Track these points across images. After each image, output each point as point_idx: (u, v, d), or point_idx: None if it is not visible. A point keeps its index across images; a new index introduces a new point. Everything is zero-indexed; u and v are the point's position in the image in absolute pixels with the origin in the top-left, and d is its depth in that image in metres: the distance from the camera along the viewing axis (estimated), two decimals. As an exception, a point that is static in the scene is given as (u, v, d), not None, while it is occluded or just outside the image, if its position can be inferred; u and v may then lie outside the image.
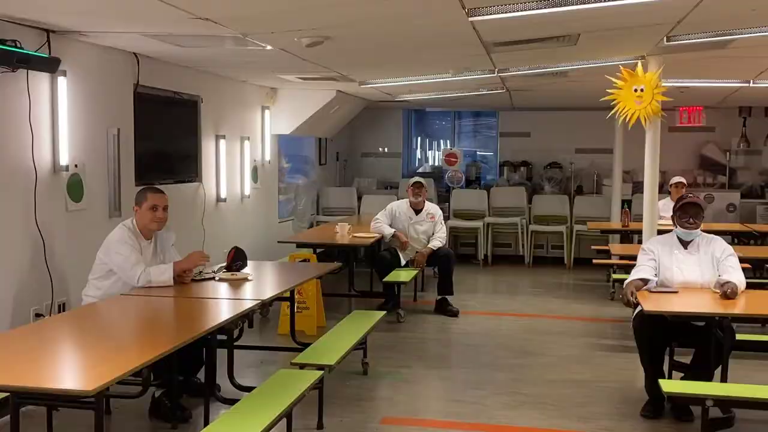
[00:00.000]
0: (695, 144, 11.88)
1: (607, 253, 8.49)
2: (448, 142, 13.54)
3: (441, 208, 8.17)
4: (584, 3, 4.33)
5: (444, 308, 7.64)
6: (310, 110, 9.01)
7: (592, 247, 9.43)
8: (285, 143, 9.64)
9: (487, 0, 4.34)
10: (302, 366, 4.47)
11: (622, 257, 7.91)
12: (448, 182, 11.66)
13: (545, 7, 4.44)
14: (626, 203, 9.99)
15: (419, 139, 13.96)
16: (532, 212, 11.12)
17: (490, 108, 12.61)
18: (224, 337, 4.42)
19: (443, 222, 8.06)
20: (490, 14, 4.51)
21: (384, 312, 6.13)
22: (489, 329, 7.13)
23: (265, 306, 4.59)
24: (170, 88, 6.77)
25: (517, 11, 4.44)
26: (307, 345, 5.05)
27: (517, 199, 11.19)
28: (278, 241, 7.78)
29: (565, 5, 4.40)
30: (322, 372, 4.32)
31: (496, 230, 11.04)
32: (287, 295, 5.40)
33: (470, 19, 4.65)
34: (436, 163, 13.11)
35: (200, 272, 4.99)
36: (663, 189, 9.65)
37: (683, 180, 9.01)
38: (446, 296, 7.70)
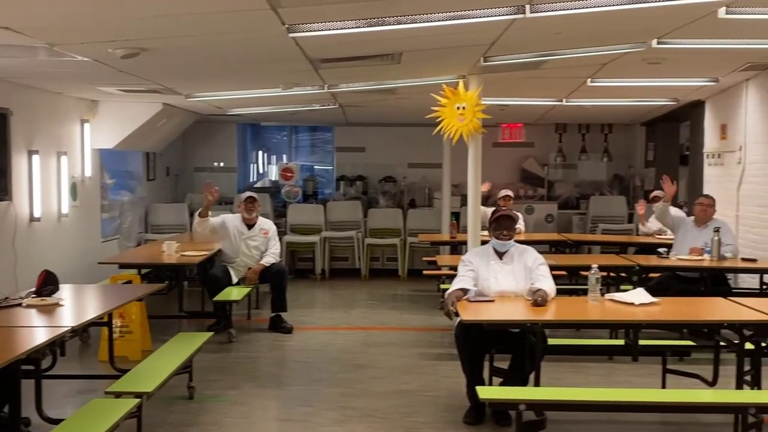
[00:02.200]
0: (517, 158, 12.55)
1: (436, 264, 8.74)
2: (285, 156, 13.49)
3: (277, 224, 8.08)
4: (400, 24, 4.44)
5: (278, 325, 7.56)
6: (134, 124, 8.64)
7: (424, 258, 9.69)
8: (108, 158, 9.18)
9: (306, 17, 4.36)
10: (118, 394, 4.24)
11: (451, 267, 8.17)
12: (285, 197, 11.60)
13: (364, 27, 4.52)
14: (455, 215, 10.36)
15: (256, 153, 13.80)
16: (368, 226, 11.28)
17: (326, 123, 12.70)
18: (31, 367, 4.11)
19: (277, 237, 7.98)
20: (310, 31, 4.53)
21: (211, 333, 5.95)
22: (323, 344, 7.12)
23: (79, 332, 4.31)
24: (-26, 100, 6.26)
25: (337, 29, 4.49)
26: (126, 371, 4.80)
27: (353, 213, 11.31)
28: (99, 262, 7.36)
29: (382, 25, 4.49)
30: (139, 400, 4.12)
31: (333, 244, 11.10)
32: (106, 319, 5.11)
33: (291, 35, 4.64)
34: (275, 178, 13.00)
35: (6, 298, 4.63)
36: (488, 202, 10.12)
37: (510, 193, 9.45)
38: (280, 313, 7.61)
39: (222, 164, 12.64)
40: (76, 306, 4.95)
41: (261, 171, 13.86)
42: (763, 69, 7.63)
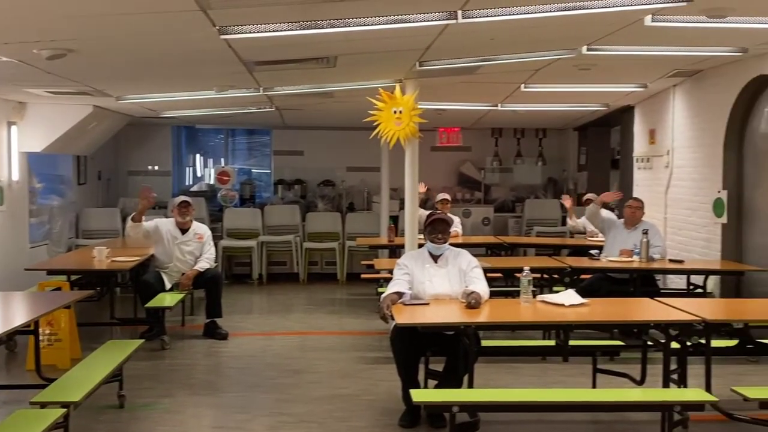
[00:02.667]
0: (454, 162, 12.67)
1: (374, 268, 8.76)
2: (222, 160, 13.31)
3: (214, 228, 7.96)
4: (334, 27, 4.44)
5: (213, 332, 7.44)
6: (64, 126, 8.39)
7: (362, 262, 9.69)
8: (37, 162, 8.90)
9: (237, 19, 4.31)
10: (43, 405, 4.10)
11: (389, 271, 8.18)
12: (221, 201, 11.44)
13: (297, 29, 4.49)
14: (393, 219, 10.38)
15: (192, 156, 13.59)
16: (306, 229, 11.22)
17: (264, 126, 12.58)
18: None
19: (212, 242, 7.86)
20: (242, 33, 4.48)
21: (143, 340, 5.83)
22: (259, 350, 7.05)
23: (4, 340, 4.17)
24: None
25: (270, 32, 4.46)
26: (54, 380, 4.65)
27: (291, 217, 11.24)
28: (26, 269, 7.12)
29: (316, 28, 4.48)
30: (65, 410, 4.00)
31: (270, 249, 11.01)
32: (33, 327, 4.94)
33: (222, 37, 4.59)
34: (211, 182, 12.82)
35: None
36: (426, 205, 10.19)
37: (448, 197, 9.53)
38: (215, 319, 7.50)
39: (156, 168, 12.39)
40: (1, 314, 4.78)
41: (198, 174, 13.65)
42: (690, 75, 7.89)
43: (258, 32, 4.46)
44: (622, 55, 6.23)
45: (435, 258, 5.18)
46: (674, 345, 4.71)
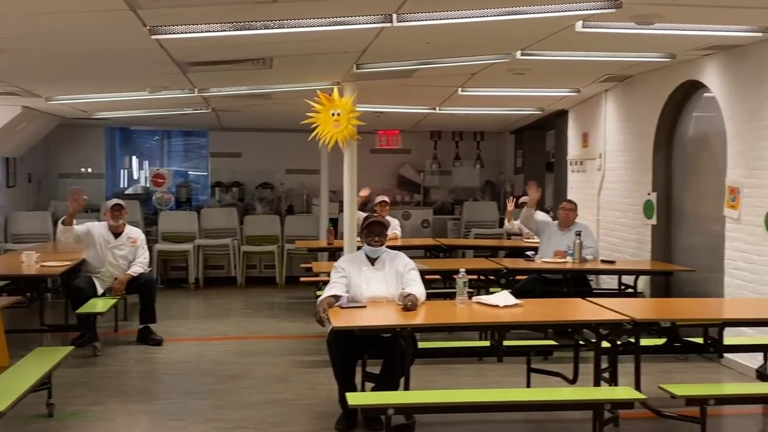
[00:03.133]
0: (394, 165, 12.71)
1: (313, 271, 8.70)
2: (158, 162, 13.06)
3: (148, 232, 7.80)
4: (268, 29, 4.40)
5: (147, 337, 7.29)
6: (-10, 128, 8.15)
7: (302, 265, 9.63)
8: (-38, 164, 8.60)
9: (169, 19, 4.23)
10: (-35, 416, 3.95)
11: (328, 274, 8.14)
12: (156, 204, 11.23)
13: (231, 30, 4.44)
14: (333, 222, 10.35)
15: (127, 158, 13.30)
16: (244, 233, 11.10)
17: (200, 127, 12.40)
18: None
19: (146, 246, 7.70)
20: (174, 34, 4.40)
21: (72, 347, 5.67)
22: (194, 356, 6.93)
23: None
24: None
25: (202, 32, 4.39)
26: (-23, 391, 4.49)
27: (228, 220, 11.10)
28: (-52, 275, 6.87)
29: (249, 29, 4.43)
30: (-12, 421, 3.86)
31: (207, 252, 10.85)
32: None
33: (153, 37, 4.50)
34: (147, 184, 12.56)
35: None
36: (366, 207, 10.19)
37: (387, 199, 9.55)
38: (149, 324, 7.35)
39: (89, 170, 12.09)
40: None
41: (134, 177, 13.36)
42: (621, 80, 8.09)
43: (190, 33, 4.39)
44: (554, 60, 6.35)
45: (372, 261, 5.18)
46: (605, 344, 4.81)
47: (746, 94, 6.16)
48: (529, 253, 8.06)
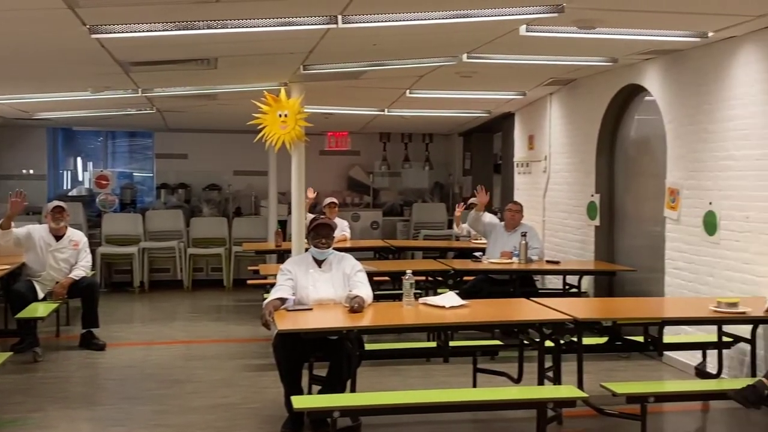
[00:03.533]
0: (343, 166, 12.70)
1: (260, 273, 8.63)
2: (102, 163, 12.79)
3: (92, 234, 7.64)
4: (211, 29, 4.35)
5: (89, 342, 7.14)
6: (-75, 128, 7.87)
7: (249, 268, 9.55)
8: None
9: (109, 18, 4.15)
10: None
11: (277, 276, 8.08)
12: (100, 206, 11.01)
13: (173, 30, 4.37)
14: (281, 224, 10.29)
15: (71, 160, 12.99)
16: (191, 235, 10.95)
17: (145, 128, 12.19)
18: None
19: (89, 249, 7.55)
20: (114, 33, 4.32)
21: (11, 353, 5.53)
22: (138, 360, 6.82)
23: None
24: None
25: (143, 32, 4.32)
26: None
27: (174, 222, 10.93)
28: None
29: (192, 29, 4.37)
30: None
31: (152, 255, 10.68)
32: None
33: (93, 36, 4.41)
34: (91, 186, 12.29)
35: None
36: (315, 209, 10.14)
37: (335, 201, 9.52)
38: (92, 329, 7.20)
39: (31, 171, 11.78)
40: None
41: (79, 179, 13.05)
42: (565, 84, 8.23)
43: (131, 32, 4.31)
44: (500, 63, 6.42)
45: (319, 263, 5.16)
46: (549, 343, 4.88)
47: (685, 98, 6.32)
48: (476, 254, 8.13)
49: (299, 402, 4.22)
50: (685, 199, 6.30)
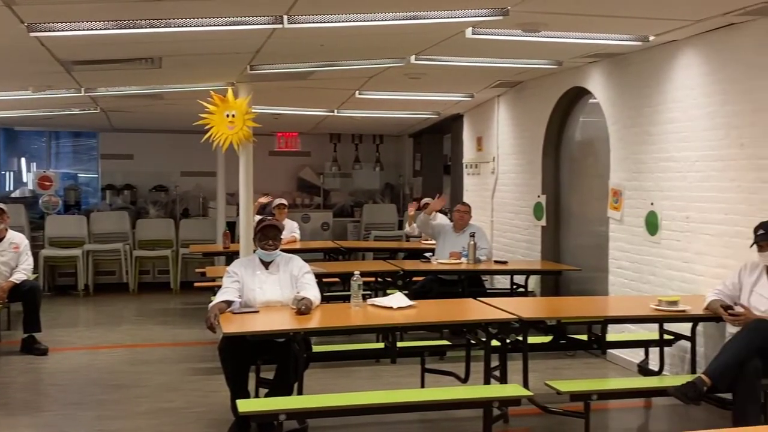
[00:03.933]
0: (293, 167, 12.64)
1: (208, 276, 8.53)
2: (45, 164, 12.49)
3: (35, 236, 7.45)
4: (154, 27, 4.28)
5: (31, 347, 6.96)
6: None
7: (197, 270, 9.43)
8: None
9: (48, 16, 4.05)
10: None
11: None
12: (43, 208, 10.75)
13: (114, 29, 4.29)
14: (230, 225, 10.18)
15: (14, 160, 12.66)
16: (137, 237, 10.77)
17: (90, 128, 11.95)
18: None
19: (30, 252, 7.36)
20: (54, 31, 4.22)
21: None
22: (81, 365, 6.67)
23: None
24: None
25: (83, 30, 4.23)
26: None
27: (120, 224, 10.74)
28: None
29: (134, 28, 4.30)
30: None
31: (97, 258, 10.46)
32: None
33: (32, 34, 4.30)
34: (34, 187, 11.99)
35: None
36: (265, 211, 10.06)
37: (285, 202, 9.45)
38: (33, 333, 7.02)
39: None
40: None
41: (22, 180, 12.72)
42: (512, 86, 8.32)
43: (72, 30, 4.21)
44: (448, 65, 6.46)
45: (266, 264, 5.12)
46: (495, 343, 4.92)
47: (627, 101, 6.46)
48: (426, 254, 8.17)
49: (245, 405, 4.17)
50: (627, 199, 6.43)
